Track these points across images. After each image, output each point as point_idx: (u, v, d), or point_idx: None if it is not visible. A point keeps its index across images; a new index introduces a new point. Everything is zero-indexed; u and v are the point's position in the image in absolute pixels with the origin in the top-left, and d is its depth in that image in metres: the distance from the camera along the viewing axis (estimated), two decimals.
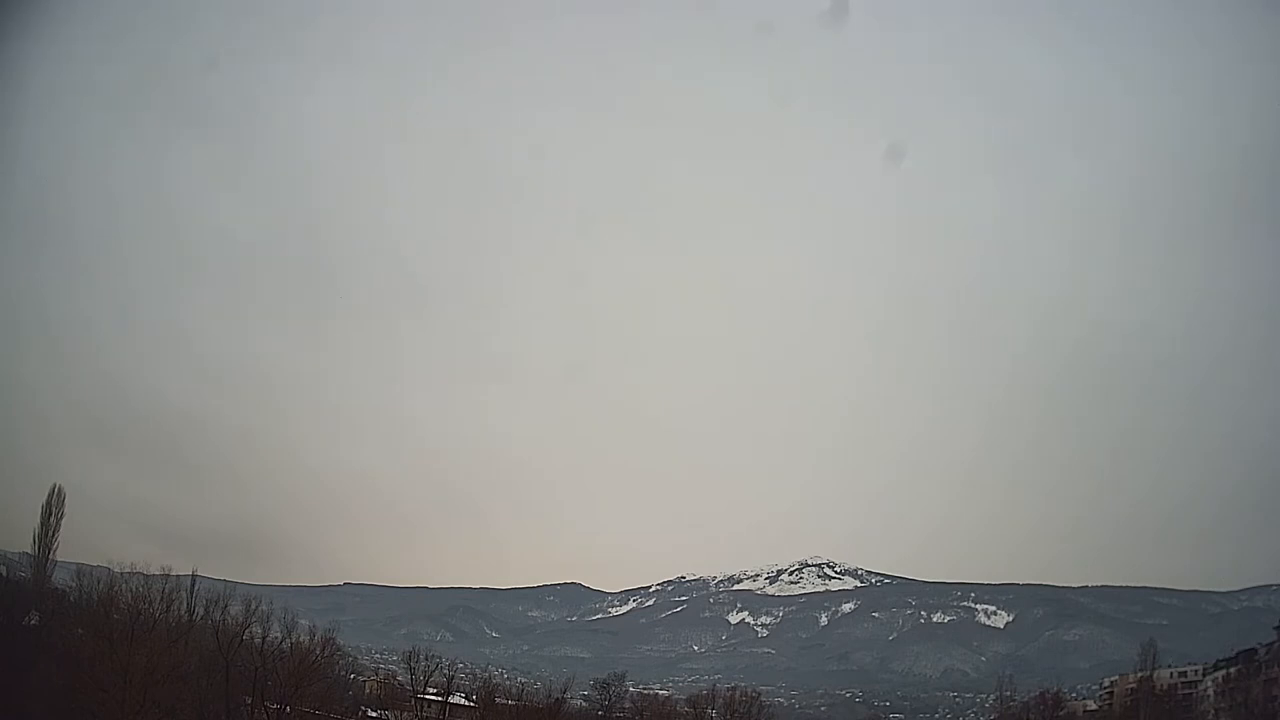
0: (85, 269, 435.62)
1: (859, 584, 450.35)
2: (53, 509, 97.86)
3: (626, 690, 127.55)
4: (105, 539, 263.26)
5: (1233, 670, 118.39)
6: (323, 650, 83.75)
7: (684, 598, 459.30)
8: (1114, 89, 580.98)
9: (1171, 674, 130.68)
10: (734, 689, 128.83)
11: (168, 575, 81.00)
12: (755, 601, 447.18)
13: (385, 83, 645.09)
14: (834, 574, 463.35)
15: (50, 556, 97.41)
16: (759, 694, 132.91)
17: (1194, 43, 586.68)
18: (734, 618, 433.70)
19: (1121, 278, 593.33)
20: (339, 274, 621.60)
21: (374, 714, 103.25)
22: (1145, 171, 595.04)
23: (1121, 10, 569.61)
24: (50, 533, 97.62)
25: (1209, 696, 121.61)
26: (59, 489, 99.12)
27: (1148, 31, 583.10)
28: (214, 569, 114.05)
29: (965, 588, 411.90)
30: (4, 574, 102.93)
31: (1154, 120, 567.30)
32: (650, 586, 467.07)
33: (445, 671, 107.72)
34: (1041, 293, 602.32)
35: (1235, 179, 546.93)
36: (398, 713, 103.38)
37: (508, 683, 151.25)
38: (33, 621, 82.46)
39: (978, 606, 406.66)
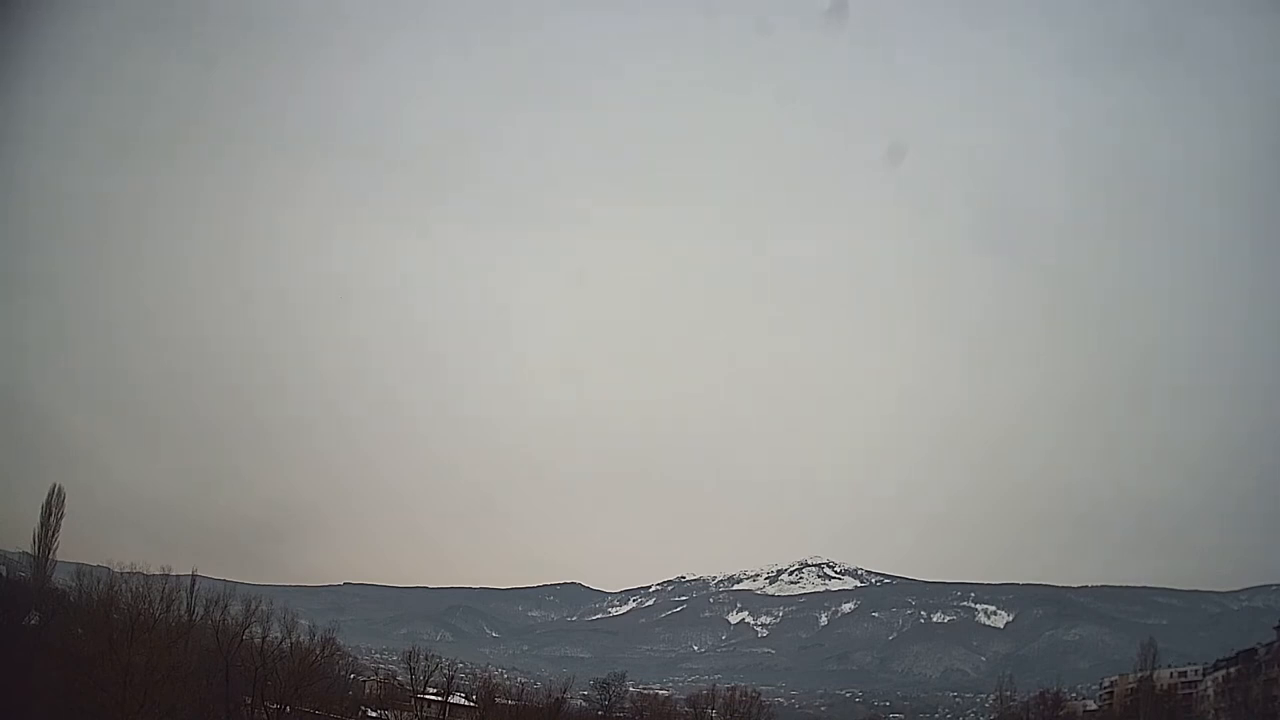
0: (86, 266, 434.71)
1: (859, 584, 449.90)
2: (53, 509, 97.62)
3: (626, 690, 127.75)
4: (105, 539, 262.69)
5: (1233, 670, 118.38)
6: (323, 650, 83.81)
7: (684, 598, 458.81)
8: None
9: (1171, 674, 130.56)
10: (734, 689, 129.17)
11: (168, 575, 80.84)
12: (755, 601, 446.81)
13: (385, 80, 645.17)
14: (834, 574, 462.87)
15: (50, 556, 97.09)
16: (759, 694, 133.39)
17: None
18: (734, 618, 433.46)
19: (1123, 278, 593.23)
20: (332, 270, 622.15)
21: (374, 714, 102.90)
22: (1146, 161, 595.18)
23: None
24: (50, 533, 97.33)
25: (1209, 696, 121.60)
26: (59, 489, 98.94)
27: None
28: (214, 569, 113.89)
29: (965, 588, 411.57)
30: (4, 574, 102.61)
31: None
32: (650, 586, 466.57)
33: (445, 671, 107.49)
34: (1043, 293, 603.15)
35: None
36: (398, 713, 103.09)
37: (508, 683, 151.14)
38: (33, 621, 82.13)
39: (978, 606, 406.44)
